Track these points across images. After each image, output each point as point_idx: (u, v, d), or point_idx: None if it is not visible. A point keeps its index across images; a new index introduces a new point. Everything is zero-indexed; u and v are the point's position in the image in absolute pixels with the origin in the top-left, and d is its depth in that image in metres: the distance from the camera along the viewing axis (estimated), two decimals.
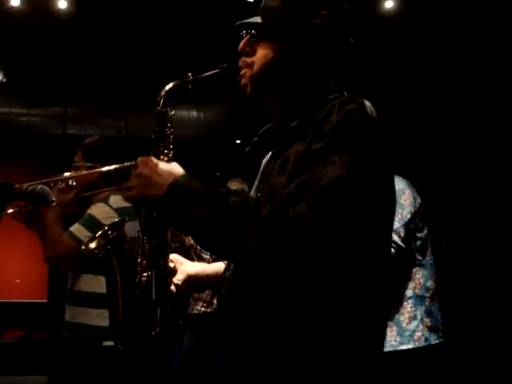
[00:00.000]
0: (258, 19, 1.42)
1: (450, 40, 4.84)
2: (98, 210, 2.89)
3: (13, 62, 5.71)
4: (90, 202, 2.95)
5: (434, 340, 2.63)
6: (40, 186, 2.47)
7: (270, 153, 1.46)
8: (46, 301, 6.36)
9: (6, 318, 6.40)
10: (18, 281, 6.82)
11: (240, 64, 1.43)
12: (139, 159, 1.34)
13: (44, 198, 2.49)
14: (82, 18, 4.86)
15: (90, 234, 2.76)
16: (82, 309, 2.89)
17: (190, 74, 1.46)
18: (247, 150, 1.47)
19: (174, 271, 1.49)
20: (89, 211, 2.89)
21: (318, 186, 1.15)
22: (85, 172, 2.91)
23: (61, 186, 2.81)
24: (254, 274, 1.25)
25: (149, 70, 5.45)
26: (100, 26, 5.00)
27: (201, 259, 3.38)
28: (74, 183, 2.83)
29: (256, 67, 1.40)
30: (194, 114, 5.88)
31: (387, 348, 2.57)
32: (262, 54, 1.40)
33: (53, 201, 2.68)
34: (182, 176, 1.26)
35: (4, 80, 5.92)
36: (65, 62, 5.42)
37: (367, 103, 1.27)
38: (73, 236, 2.80)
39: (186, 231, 1.29)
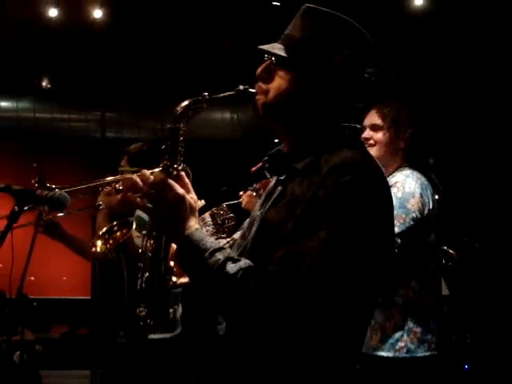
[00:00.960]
0: (280, 48, 1.45)
1: (477, 38, 4.82)
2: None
3: (55, 69, 5.94)
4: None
5: (420, 353, 2.45)
6: (59, 192, 2.63)
7: (275, 178, 1.55)
8: (89, 297, 6.57)
9: (52, 314, 6.63)
10: (64, 278, 7.05)
11: (256, 89, 1.48)
12: (158, 176, 1.45)
13: (62, 204, 2.64)
14: (117, 26, 5.02)
15: (138, 234, 2.95)
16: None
17: (206, 93, 1.51)
18: (256, 169, 1.56)
19: (173, 269, 1.58)
20: (137, 213, 3.07)
21: (302, 265, 1.27)
22: (130, 175, 3.10)
23: (107, 189, 2.99)
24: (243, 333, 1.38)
25: (184, 72, 5.59)
26: (135, 31, 5.16)
27: None
28: (121, 187, 2.99)
29: (270, 96, 1.44)
30: (228, 115, 5.98)
31: (368, 351, 2.46)
32: (278, 83, 1.44)
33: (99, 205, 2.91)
34: (193, 232, 1.38)
35: (49, 86, 6.16)
36: (102, 68, 5.60)
37: (365, 168, 1.34)
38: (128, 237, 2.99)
39: (192, 280, 1.47)
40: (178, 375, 3.13)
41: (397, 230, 2.39)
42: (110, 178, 2.99)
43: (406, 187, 2.54)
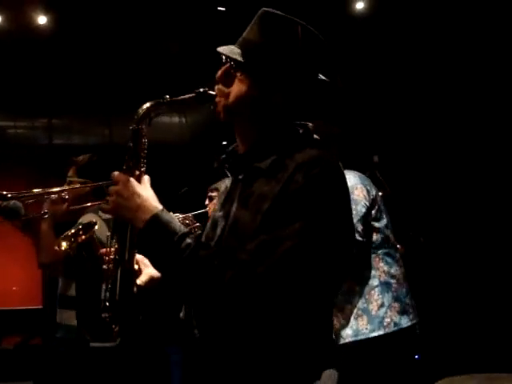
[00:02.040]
0: (238, 52, 1.50)
1: (424, 39, 4.98)
2: (87, 219, 3.08)
3: (0, 76, 5.85)
4: (80, 213, 3.15)
5: (405, 323, 2.72)
6: (13, 202, 2.65)
7: (232, 177, 1.59)
8: (41, 307, 6.48)
9: (4, 326, 6.52)
10: (14, 288, 6.94)
11: (216, 91, 1.53)
12: (118, 176, 1.47)
13: (16, 213, 2.67)
14: (62, 31, 4.99)
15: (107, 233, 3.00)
16: (72, 312, 3.07)
17: (167, 96, 1.55)
18: (215, 166, 1.61)
19: (138, 272, 1.60)
20: (80, 220, 3.09)
21: (275, 255, 1.30)
22: (78, 186, 3.14)
23: (54, 197, 3.02)
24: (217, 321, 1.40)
25: (131, 76, 5.59)
26: (81, 37, 5.13)
27: None
28: (67, 196, 3.04)
29: (231, 99, 1.50)
30: (176, 119, 6.00)
31: (360, 337, 2.70)
32: (238, 87, 1.49)
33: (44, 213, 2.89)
34: (159, 213, 1.39)
35: None
36: (48, 74, 5.54)
37: (331, 163, 1.41)
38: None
39: (157, 267, 1.47)
40: None
41: (354, 220, 2.58)
42: (57, 189, 3.05)
43: (347, 182, 2.70)
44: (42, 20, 4.75)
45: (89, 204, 3.13)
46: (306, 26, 1.51)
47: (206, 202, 3.74)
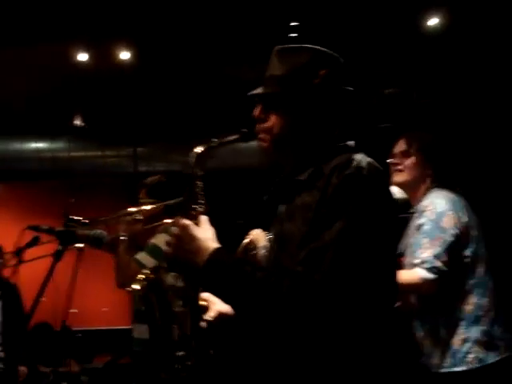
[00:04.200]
0: (267, 89, 1.63)
1: (495, 53, 4.89)
2: (159, 239, 3.23)
3: (88, 110, 6.19)
4: (154, 234, 3.30)
5: (491, 359, 2.57)
6: (97, 231, 2.84)
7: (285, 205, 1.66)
8: (130, 327, 6.72)
9: (95, 345, 6.79)
10: (105, 309, 7.23)
11: (257, 129, 1.64)
12: (178, 221, 1.56)
13: (100, 240, 2.86)
14: (144, 65, 5.22)
15: (153, 261, 3.15)
16: (145, 326, 3.22)
17: (215, 139, 1.69)
18: (265, 198, 1.71)
19: (205, 308, 1.69)
20: (152, 240, 3.26)
21: (326, 260, 1.36)
22: (150, 207, 3.27)
23: (128, 219, 3.19)
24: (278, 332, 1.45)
25: (210, 106, 5.77)
26: (161, 69, 5.36)
27: None
28: (141, 217, 3.19)
29: (274, 132, 1.61)
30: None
31: (442, 370, 2.61)
32: (275, 120, 1.61)
33: (123, 237, 3.05)
34: (215, 252, 1.47)
35: (83, 125, 6.42)
36: (132, 106, 5.83)
37: (363, 163, 1.46)
38: (139, 263, 3.16)
39: (222, 300, 1.58)
40: None
41: (439, 249, 2.59)
42: (131, 209, 3.20)
43: (437, 208, 2.69)
44: (124, 56, 5.01)
45: (163, 222, 3.23)
46: (320, 49, 1.63)
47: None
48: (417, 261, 2.62)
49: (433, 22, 5.15)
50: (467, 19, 4.88)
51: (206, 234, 1.54)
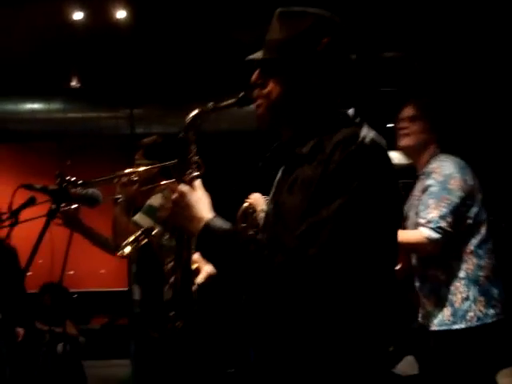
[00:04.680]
0: (266, 53, 1.57)
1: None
2: (156, 200, 3.23)
3: (83, 70, 6.11)
4: (151, 194, 3.29)
5: (489, 318, 2.67)
6: (91, 190, 2.82)
7: (282, 167, 1.64)
8: (127, 289, 6.76)
9: (92, 306, 6.85)
10: (102, 271, 7.27)
11: (255, 95, 1.59)
12: (175, 187, 1.58)
13: (95, 200, 2.84)
14: (141, 25, 5.15)
15: (151, 221, 3.14)
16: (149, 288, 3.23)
17: (211, 103, 1.66)
18: (261, 164, 1.68)
19: (197, 271, 1.72)
20: (149, 202, 3.25)
21: (323, 235, 1.35)
22: (145, 168, 3.25)
23: (123, 180, 3.19)
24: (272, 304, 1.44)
25: (207, 66, 5.70)
26: (158, 29, 5.28)
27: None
28: (136, 178, 3.19)
29: (272, 98, 1.56)
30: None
31: (442, 327, 2.70)
32: (273, 86, 1.55)
33: (117, 199, 3.08)
34: (209, 221, 1.49)
35: (78, 85, 6.35)
36: (129, 66, 5.75)
37: (367, 140, 1.43)
38: (137, 224, 3.15)
39: (216, 268, 1.60)
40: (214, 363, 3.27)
41: (444, 210, 2.67)
42: (127, 171, 3.20)
43: (445, 170, 2.77)
44: (120, 14, 4.92)
45: (159, 183, 3.26)
46: (323, 14, 1.57)
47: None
48: (422, 220, 2.69)
49: None
50: None
51: (201, 201, 1.55)
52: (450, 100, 3.95)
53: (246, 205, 3.61)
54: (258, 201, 3.61)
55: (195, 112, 1.66)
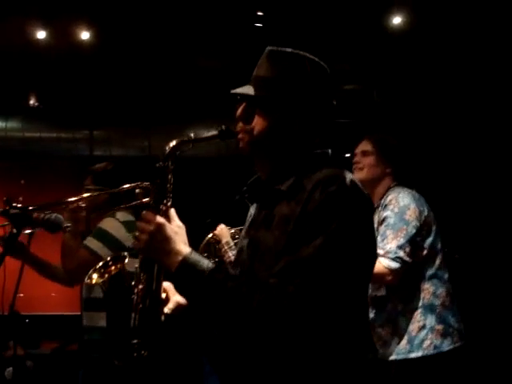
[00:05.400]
0: (251, 90, 1.59)
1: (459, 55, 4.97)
2: (107, 224, 3.24)
3: (44, 89, 6.03)
4: (99, 219, 3.28)
5: (446, 346, 2.74)
6: (55, 215, 2.79)
7: (258, 203, 1.66)
8: (79, 313, 6.62)
9: (42, 331, 6.66)
10: (53, 294, 7.10)
11: (238, 129, 1.62)
12: (150, 216, 1.53)
13: (57, 225, 2.81)
14: (104, 46, 5.14)
15: (101, 245, 3.16)
16: (99, 313, 3.18)
17: (191, 134, 1.66)
18: (237, 197, 1.69)
19: (166, 301, 1.68)
20: (99, 225, 3.25)
21: (301, 274, 1.36)
22: (95, 194, 3.23)
23: (72, 206, 3.15)
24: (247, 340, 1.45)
25: (170, 91, 5.71)
26: (121, 52, 5.28)
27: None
28: (84, 205, 3.17)
29: (255, 134, 1.59)
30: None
31: (400, 356, 2.75)
32: (258, 122, 1.59)
33: (66, 227, 3.03)
34: (187, 256, 1.47)
35: (36, 104, 6.26)
36: (90, 87, 5.71)
37: (347, 180, 1.47)
38: (87, 247, 3.15)
39: (192, 304, 1.58)
40: None
41: (402, 241, 2.75)
42: (74, 198, 3.11)
43: (401, 202, 2.86)
44: (84, 35, 4.90)
45: (111, 209, 3.25)
46: (312, 58, 1.61)
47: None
48: (381, 251, 2.74)
49: (397, 21, 5.21)
50: (430, 20, 4.94)
51: (178, 234, 1.53)
52: (405, 134, 4.07)
53: (210, 235, 3.62)
54: (223, 232, 3.63)
55: (174, 142, 1.65)
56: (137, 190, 3.12)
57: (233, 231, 3.61)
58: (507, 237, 5.04)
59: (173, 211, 1.60)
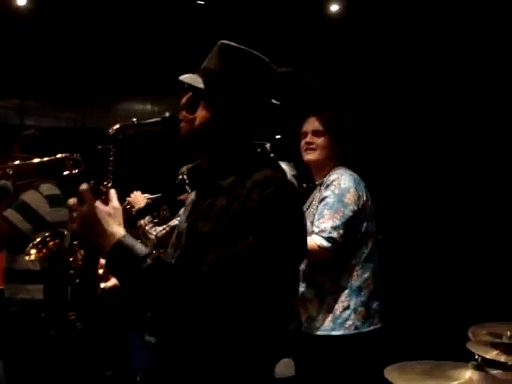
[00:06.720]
0: (199, 81, 1.63)
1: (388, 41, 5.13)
2: (29, 197, 3.21)
3: None
4: (23, 189, 3.25)
5: (365, 328, 2.83)
6: (3, 182, 2.75)
7: (196, 191, 1.75)
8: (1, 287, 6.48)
9: None
10: None
11: (180, 117, 1.65)
12: (86, 196, 1.53)
13: (5, 192, 2.77)
14: (40, 14, 5.01)
15: (21, 218, 3.13)
16: (20, 285, 3.17)
17: (134, 119, 1.69)
18: (177, 181, 1.75)
19: (104, 277, 1.75)
20: (21, 197, 3.20)
21: (232, 267, 1.44)
22: (20, 162, 3.19)
23: None
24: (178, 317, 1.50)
25: (105, 63, 5.64)
26: (56, 20, 5.17)
27: (146, 238, 3.60)
28: (10, 172, 3.09)
29: (196, 124, 1.62)
30: (148, 107, 6.09)
31: (323, 332, 2.84)
32: (201, 113, 1.62)
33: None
34: (122, 239, 1.49)
35: None
36: (23, 56, 5.56)
37: (284, 183, 1.57)
38: (6, 220, 3.12)
39: (124, 287, 1.60)
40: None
41: (337, 222, 2.80)
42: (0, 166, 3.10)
43: (342, 184, 2.90)
44: (21, 1, 4.77)
45: (35, 179, 3.22)
46: (260, 57, 1.66)
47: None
48: (316, 229, 2.81)
49: (334, 8, 5.34)
50: (366, 8, 5.08)
51: (113, 216, 1.54)
52: (350, 115, 4.17)
53: (125, 203, 3.66)
54: (137, 199, 3.67)
55: (117, 126, 1.68)
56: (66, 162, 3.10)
57: (148, 198, 3.65)
58: (432, 220, 5.25)
59: (113, 192, 1.62)
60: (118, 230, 1.51)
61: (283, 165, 2.94)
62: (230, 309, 1.44)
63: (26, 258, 2.37)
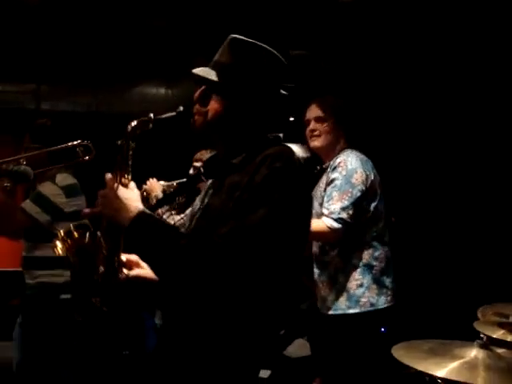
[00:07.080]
0: (211, 74, 1.71)
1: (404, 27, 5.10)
2: (46, 188, 3.25)
3: None
4: (39, 179, 3.28)
5: (381, 304, 2.90)
6: (24, 167, 2.80)
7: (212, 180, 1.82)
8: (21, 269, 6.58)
9: None
10: None
11: (194, 111, 1.73)
12: (107, 180, 1.67)
13: (26, 177, 2.82)
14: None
15: (39, 210, 3.18)
16: (39, 271, 3.24)
17: (151, 114, 1.75)
18: (192, 173, 1.81)
19: (128, 264, 1.81)
20: (38, 189, 3.25)
21: (244, 239, 1.50)
22: (32, 153, 3.21)
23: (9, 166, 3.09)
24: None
25: (119, 47, 5.67)
26: (72, 4, 5.19)
27: None
28: (24, 162, 3.12)
29: (209, 117, 1.71)
30: (162, 91, 6.12)
31: (338, 311, 2.91)
32: (214, 106, 1.71)
33: (7, 186, 3.04)
34: (140, 213, 1.59)
35: None
36: (38, 40, 5.60)
37: (293, 158, 1.62)
38: (24, 211, 3.16)
39: (143, 258, 1.70)
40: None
41: (346, 203, 2.86)
42: (10, 158, 3.11)
43: (349, 165, 2.95)
44: None
45: (49, 168, 3.25)
46: (269, 49, 1.72)
47: (190, 172, 3.86)
48: (326, 211, 2.88)
49: None
50: None
51: (131, 194, 1.65)
52: (354, 97, 4.18)
53: (141, 190, 3.69)
54: (153, 186, 3.72)
55: (135, 122, 1.75)
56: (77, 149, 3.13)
57: (164, 184, 3.70)
58: (445, 201, 5.26)
59: (132, 184, 1.72)
60: (138, 205, 1.61)
61: (296, 147, 3.00)
62: (241, 279, 1.49)
63: (54, 251, 2.44)
